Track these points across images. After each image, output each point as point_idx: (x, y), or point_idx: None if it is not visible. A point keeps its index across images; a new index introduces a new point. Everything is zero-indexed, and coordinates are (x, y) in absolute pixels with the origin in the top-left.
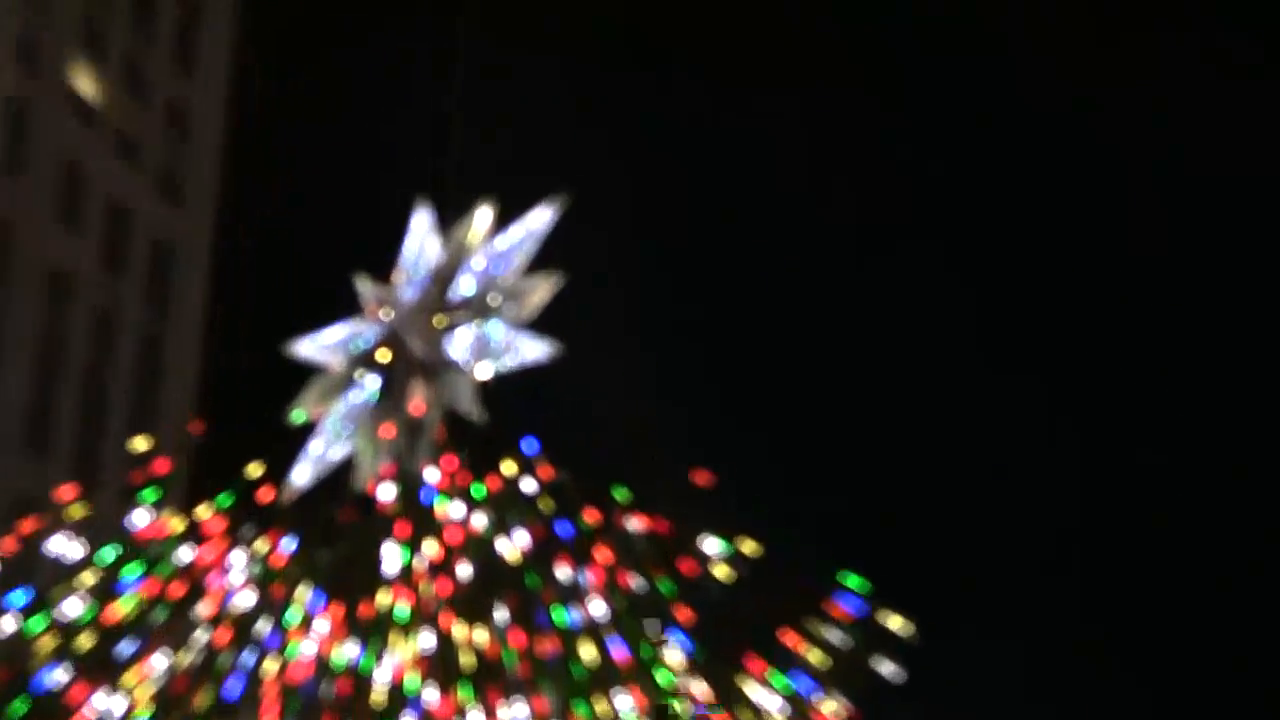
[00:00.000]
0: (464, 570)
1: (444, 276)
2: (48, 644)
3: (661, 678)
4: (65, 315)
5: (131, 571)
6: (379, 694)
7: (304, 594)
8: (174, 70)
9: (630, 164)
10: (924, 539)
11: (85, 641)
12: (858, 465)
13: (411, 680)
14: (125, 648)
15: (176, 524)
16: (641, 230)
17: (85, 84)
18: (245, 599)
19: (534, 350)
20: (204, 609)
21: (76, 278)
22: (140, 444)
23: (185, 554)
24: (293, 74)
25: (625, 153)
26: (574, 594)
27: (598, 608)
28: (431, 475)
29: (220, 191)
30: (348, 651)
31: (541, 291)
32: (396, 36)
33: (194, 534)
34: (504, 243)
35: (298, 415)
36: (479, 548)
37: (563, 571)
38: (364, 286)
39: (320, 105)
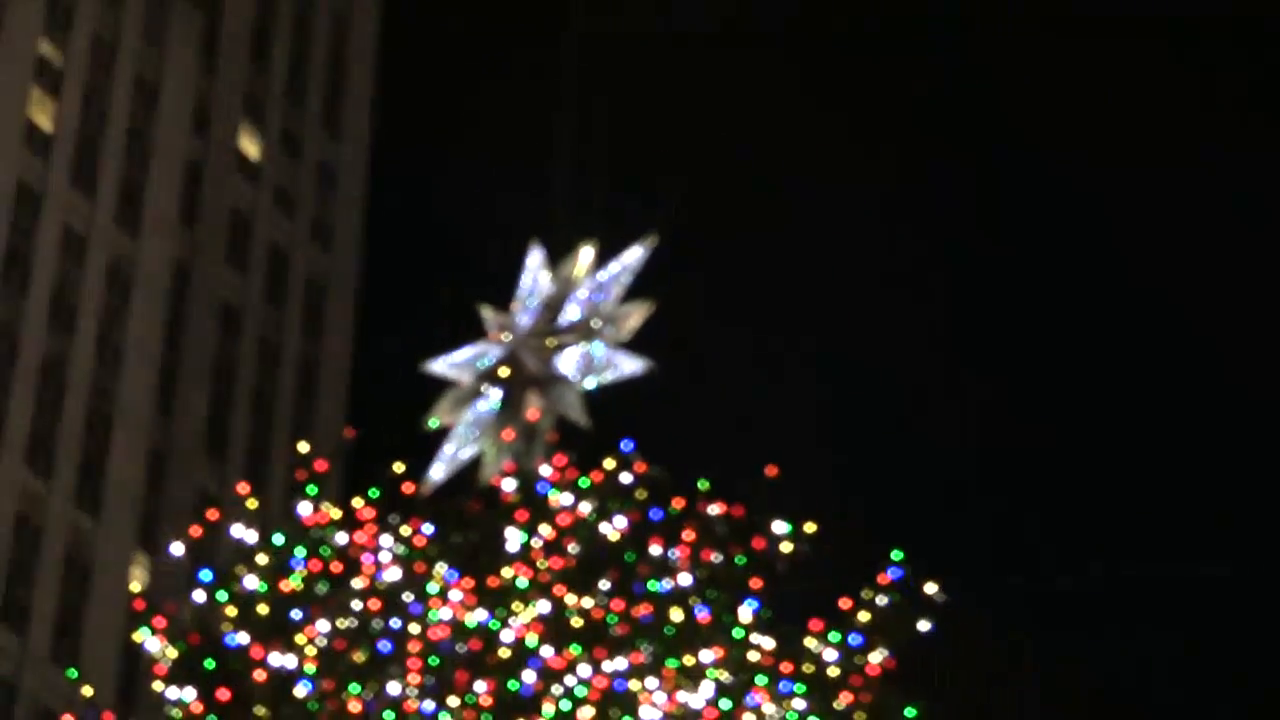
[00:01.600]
0: (573, 548)
1: (554, 305)
2: (231, 612)
3: (736, 635)
4: (236, 342)
5: (298, 552)
6: (504, 651)
7: (441, 570)
8: (323, 134)
9: (709, 200)
10: (953, 520)
11: (262, 610)
12: (900, 463)
13: (531, 639)
14: (295, 614)
15: (334, 513)
16: (721, 258)
17: (249, 146)
18: (392, 574)
19: (630, 366)
20: (358, 583)
21: (244, 311)
22: (303, 447)
23: (342, 537)
24: (424, 137)
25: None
26: (664, 567)
27: (684, 578)
28: (545, 470)
29: (364, 236)
30: (478, 616)
31: (636, 317)
32: (514, 105)
33: (349, 521)
34: (604, 275)
35: (433, 422)
36: (586, 530)
37: (655, 549)
38: (487, 314)
39: (448, 161)
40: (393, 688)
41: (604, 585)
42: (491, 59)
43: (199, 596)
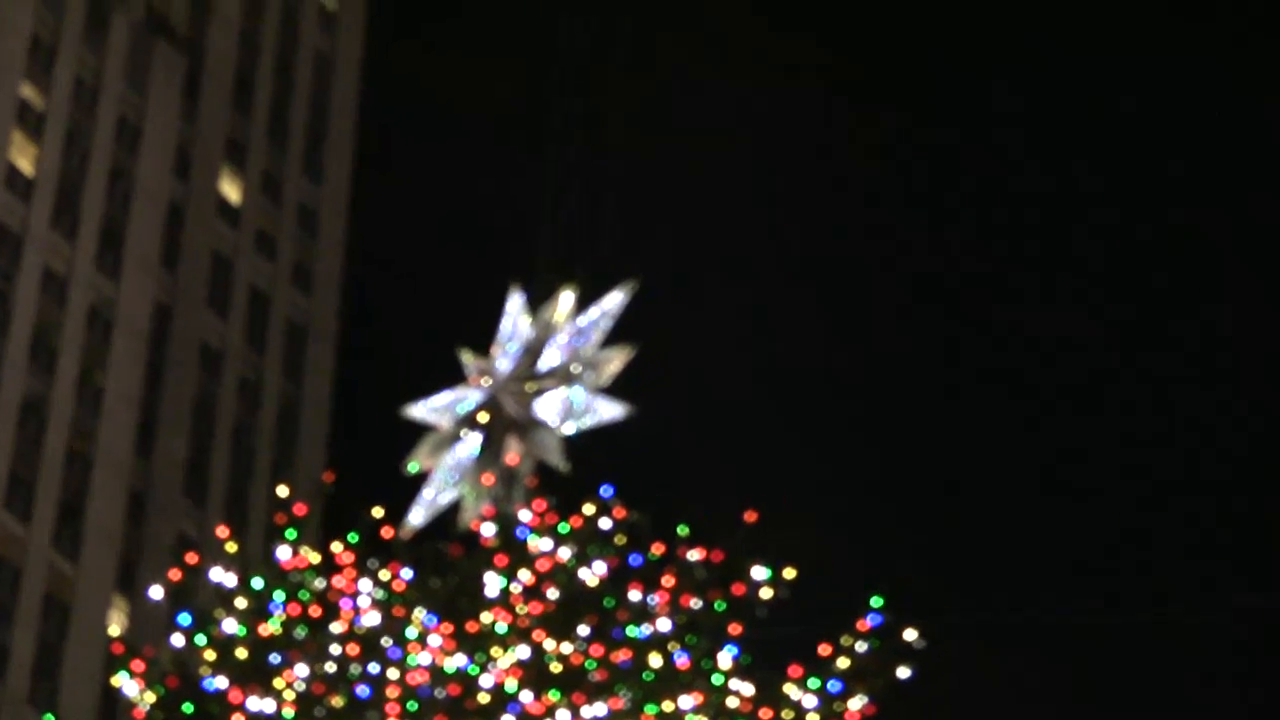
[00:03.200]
0: (552, 593)
1: (534, 349)
2: (210, 656)
3: (715, 680)
4: (216, 384)
5: (277, 596)
6: (483, 696)
7: (420, 614)
8: (304, 177)
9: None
10: (934, 567)
11: (240, 653)
12: (881, 508)
13: (510, 684)
14: (274, 658)
15: (313, 557)
16: (700, 295)
17: (230, 189)
18: (371, 619)
19: (610, 411)
20: (337, 626)
21: (225, 353)
22: (282, 491)
23: (321, 582)
24: (403, 181)
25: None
26: (644, 613)
27: (664, 624)
28: (525, 515)
29: (344, 280)
30: (457, 661)
31: (616, 362)
32: (497, 146)
33: (328, 565)
34: (584, 321)
35: (412, 466)
36: (565, 575)
37: (634, 594)
38: (467, 358)
39: (426, 207)
40: None
41: (583, 630)
42: (474, 102)
43: (178, 640)
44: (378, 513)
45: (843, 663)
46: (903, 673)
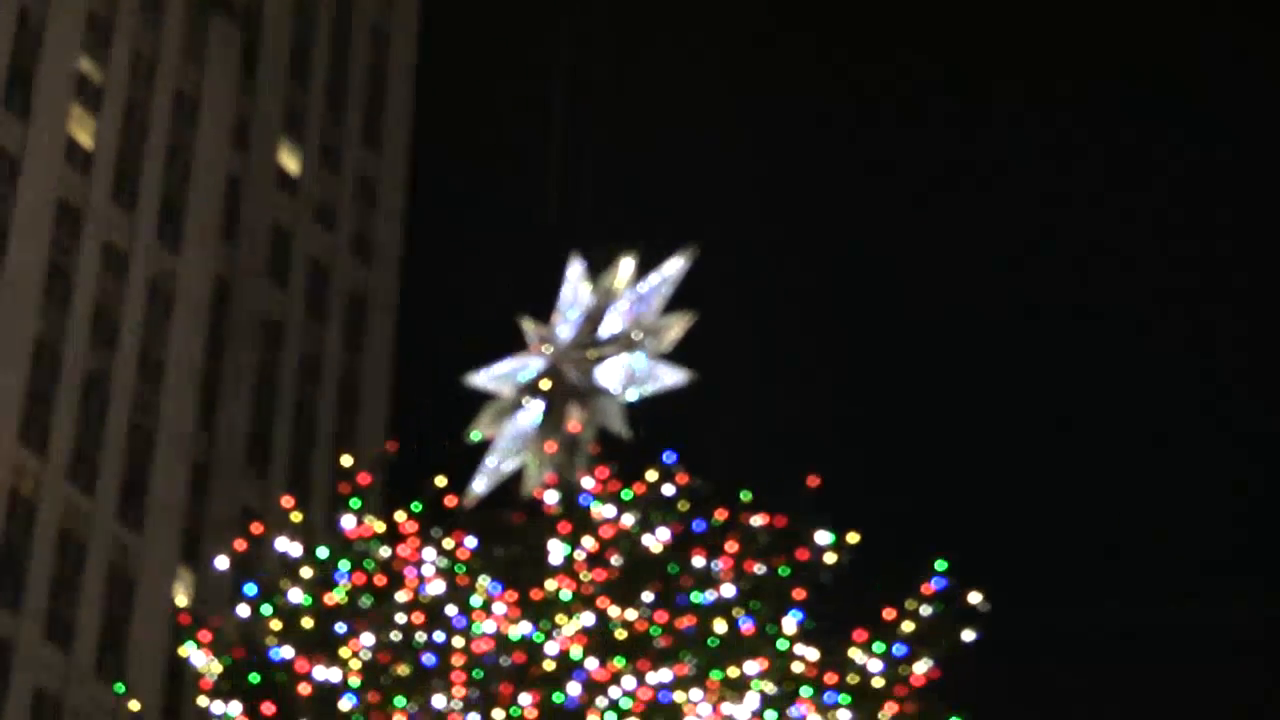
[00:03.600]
0: (616, 560)
1: (595, 317)
2: (275, 626)
3: (780, 646)
4: (277, 357)
5: (342, 565)
6: (548, 663)
7: (484, 582)
8: (363, 148)
9: (751, 214)
10: (997, 532)
11: (306, 623)
12: (943, 473)
13: (575, 651)
14: (339, 628)
15: (378, 526)
16: (764, 272)
17: (289, 161)
18: (436, 587)
19: (671, 377)
20: (402, 595)
21: (285, 325)
22: (346, 461)
23: (385, 551)
24: (463, 149)
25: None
26: (708, 579)
27: (728, 589)
28: (588, 482)
29: (404, 250)
30: (521, 628)
31: (677, 328)
32: (551, 117)
33: (392, 534)
34: (644, 287)
35: (475, 435)
36: (628, 542)
37: (698, 560)
38: (528, 326)
39: (488, 174)
40: (437, 701)
41: (647, 597)
42: (531, 71)
43: (243, 610)
44: (441, 482)
45: (907, 626)
46: (967, 636)
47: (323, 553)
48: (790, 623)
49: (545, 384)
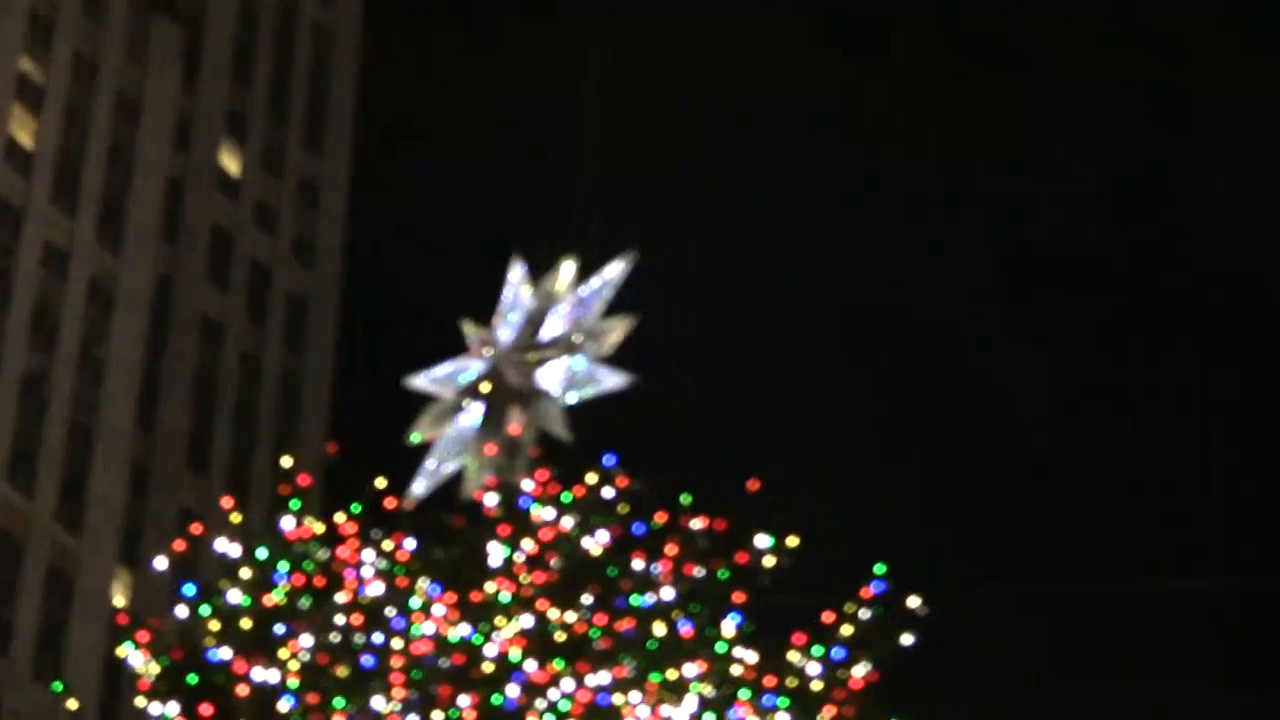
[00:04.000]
0: (556, 563)
1: (536, 319)
2: (214, 627)
3: (719, 649)
4: (217, 358)
5: (281, 566)
6: (487, 665)
7: (423, 584)
8: (305, 150)
9: (699, 218)
10: (938, 533)
11: (245, 624)
12: (884, 474)
13: (514, 654)
14: (278, 629)
15: (317, 527)
16: (706, 273)
17: (230, 162)
18: (375, 589)
19: (612, 380)
20: (342, 597)
21: (226, 326)
22: (285, 462)
23: (325, 552)
24: (404, 153)
25: (693, 204)
26: (647, 582)
27: (667, 592)
28: (528, 485)
29: (345, 251)
30: (461, 630)
31: (618, 331)
32: (498, 118)
33: (332, 535)
34: (585, 290)
35: (415, 437)
36: (568, 545)
37: (638, 563)
38: (469, 329)
39: (428, 178)
40: (376, 702)
41: (587, 600)
42: (474, 72)
43: (182, 611)
44: (381, 483)
45: (846, 630)
46: (906, 640)
47: (262, 554)
48: (729, 626)
49: (486, 386)
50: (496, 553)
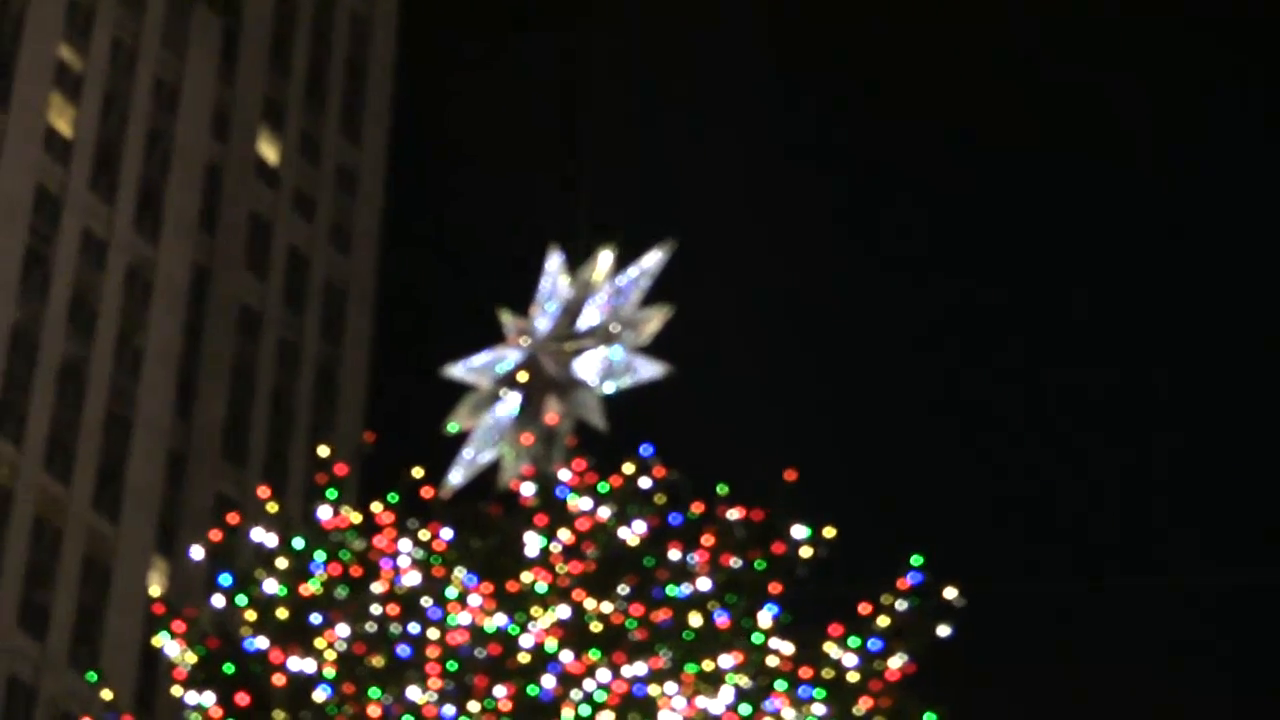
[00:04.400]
0: (592, 553)
1: (573, 309)
2: (250, 616)
3: (755, 639)
4: (255, 346)
5: (318, 556)
6: (523, 655)
7: (460, 574)
8: (342, 138)
9: (737, 212)
10: (971, 526)
11: (281, 614)
12: (921, 469)
13: (550, 644)
14: (314, 619)
15: (354, 517)
16: (743, 269)
17: (268, 151)
18: (412, 578)
19: (649, 370)
20: (378, 586)
21: (264, 314)
22: (322, 451)
23: (361, 542)
24: (442, 139)
25: (734, 199)
26: (684, 572)
27: (704, 583)
28: (564, 475)
29: (382, 240)
30: (497, 620)
31: (655, 321)
32: (530, 108)
33: (368, 525)
34: (623, 280)
35: (452, 426)
36: (605, 535)
37: (674, 553)
38: (506, 318)
39: (466, 165)
40: (412, 692)
41: (623, 590)
42: (512, 61)
43: (218, 600)
44: (417, 473)
45: (883, 621)
46: (943, 631)
47: (299, 543)
48: (766, 617)
49: (523, 376)
50: (533, 543)
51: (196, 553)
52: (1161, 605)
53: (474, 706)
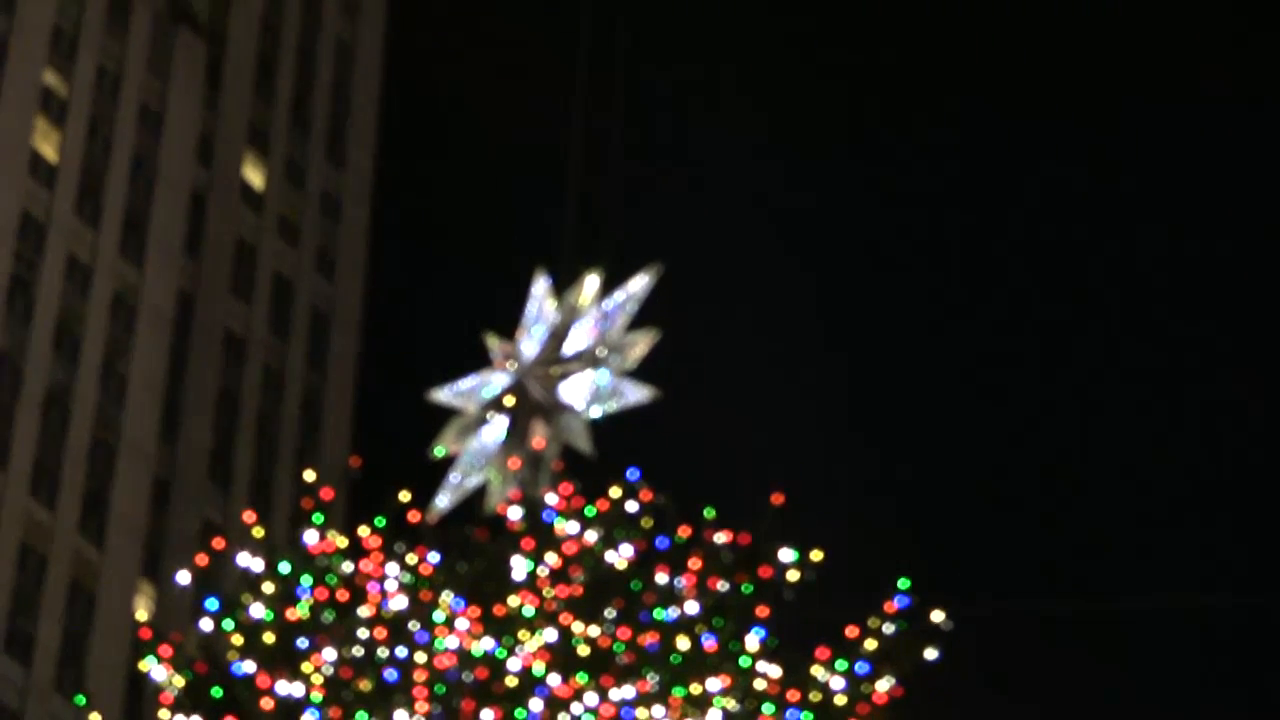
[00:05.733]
0: (579, 577)
1: (559, 333)
2: (237, 640)
3: (743, 663)
4: (240, 372)
5: (304, 580)
6: (510, 679)
7: (447, 598)
8: (327, 163)
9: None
10: (959, 549)
11: (268, 638)
12: (907, 491)
13: (537, 668)
14: (301, 643)
15: (340, 541)
16: (731, 291)
17: (253, 176)
18: (398, 602)
19: (636, 394)
20: (365, 611)
21: (249, 340)
22: (308, 476)
23: (348, 566)
24: (426, 167)
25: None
26: (671, 595)
27: (691, 606)
28: (551, 499)
29: (368, 265)
30: (484, 644)
31: (642, 345)
32: (516, 134)
33: (355, 549)
34: (609, 304)
35: (438, 450)
36: (592, 558)
37: (661, 577)
38: (492, 342)
39: (449, 192)
40: (399, 716)
41: (610, 613)
42: (498, 86)
43: (205, 625)
44: (404, 497)
45: (870, 644)
46: (930, 654)
47: (285, 568)
48: (753, 640)
49: (509, 400)
50: (520, 566)
51: (182, 578)
52: (1161, 628)
53: None
